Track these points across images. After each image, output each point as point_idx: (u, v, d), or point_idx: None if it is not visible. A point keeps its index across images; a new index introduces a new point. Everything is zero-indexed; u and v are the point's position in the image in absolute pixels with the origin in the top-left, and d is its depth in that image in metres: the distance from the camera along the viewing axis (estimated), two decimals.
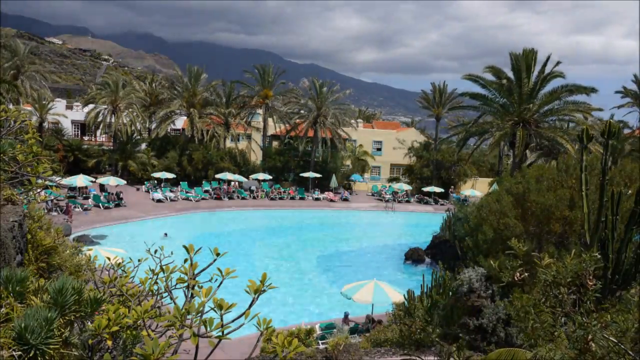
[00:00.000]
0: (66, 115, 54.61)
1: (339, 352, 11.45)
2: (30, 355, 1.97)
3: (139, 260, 3.45)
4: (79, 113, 58.00)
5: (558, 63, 31.81)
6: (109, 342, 2.21)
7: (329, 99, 53.43)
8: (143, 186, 47.56)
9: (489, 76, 33.65)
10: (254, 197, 48.52)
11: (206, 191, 47.13)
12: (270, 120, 55.16)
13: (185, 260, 2.56)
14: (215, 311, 2.24)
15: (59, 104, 56.05)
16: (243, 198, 47.58)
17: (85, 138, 59.93)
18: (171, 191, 45.58)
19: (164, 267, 2.92)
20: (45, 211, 19.08)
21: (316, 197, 50.61)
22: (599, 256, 5.06)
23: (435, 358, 9.55)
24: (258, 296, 2.39)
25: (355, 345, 13.16)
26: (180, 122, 57.68)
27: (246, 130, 57.14)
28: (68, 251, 4.06)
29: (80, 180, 37.64)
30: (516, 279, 5.09)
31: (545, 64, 31.87)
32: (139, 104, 53.22)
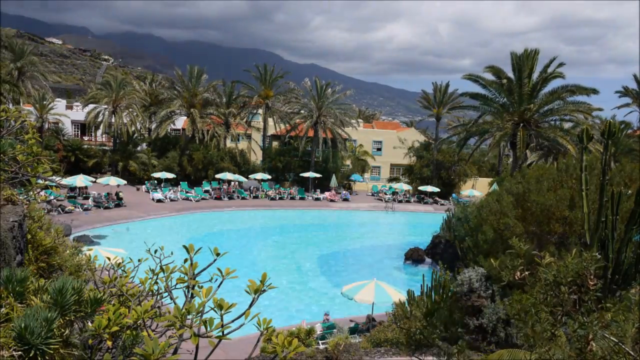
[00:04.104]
0: (66, 115, 54.63)
1: (339, 352, 11.45)
2: (30, 355, 1.96)
3: (139, 260, 3.45)
4: (79, 113, 58.00)
5: (560, 64, 31.75)
6: (109, 342, 2.21)
7: (329, 99, 53.44)
8: (143, 186, 47.58)
9: (489, 76, 33.66)
10: (254, 197, 48.54)
11: (206, 191, 47.14)
12: (270, 120, 55.17)
13: (185, 260, 2.56)
14: (215, 311, 2.24)
15: (59, 104, 56.07)
16: (243, 198, 47.60)
17: (86, 138, 59.94)
18: (173, 192, 45.56)
19: (164, 267, 2.92)
20: (46, 211, 19.04)
21: (316, 197, 50.62)
22: (599, 256, 5.06)
23: (435, 358, 9.55)
24: (258, 296, 2.39)
25: (355, 345, 13.16)
26: (181, 122, 57.66)
27: (246, 130, 57.15)
28: (68, 251, 4.06)
29: (80, 180, 37.65)
30: (516, 278, 5.09)
31: (547, 65, 31.86)
32: (139, 104, 53.21)
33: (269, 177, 52.13)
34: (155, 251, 3.19)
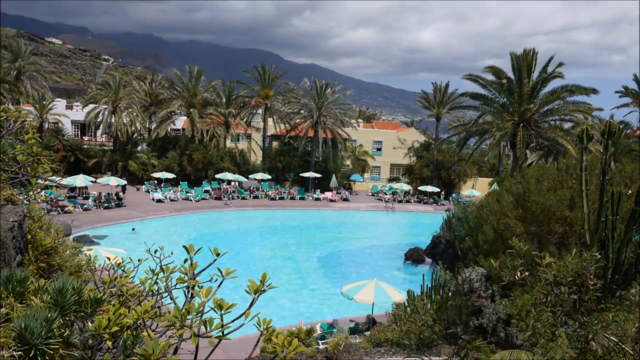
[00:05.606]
0: (66, 115, 54.63)
1: (339, 352, 11.44)
2: (30, 355, 1.96)
3: (139, 260, 3.44)
4: (79, 113, 58.00)
5: (560, 64, 31.74)
6: (109, 342, 2.21)
7: (329, 99, 53.43)
8: (143, 186, 47.60)
9: (489, 76, 33.66)
10: (254, 197, 48.54)
11: (206, 191, 47.14)
12: (270, 120, 55.17)
13: (185, 260, 2.56)
14: (215, 311, 2.23)
15: (59, 104, 56.04)
16: (243, 198, 47.60)
17: (85, 138, 59.94)
18: (173, 192, 45.54)
19: (164, 267, 2.91)
20: (45, 211, 19.02)
21: (316, 197, 50.62)
22: (599, 256, 5.06)
23: (442, 358, 9.52)
24: (258, 296, 2.39)
25: (355, 345, 13.15)
26: (180, 122, 57.67)
27: (246, 130, 57.15)
28: (68, 251, 4.06)
29: (80, 180, 37.64)
30: (517, 277, 5.09)
31: (547, 65, 31.86)
32: (139, 104, 53.20)
33: (269, 177, 52.13)
34: (155, 251, 3.19)
